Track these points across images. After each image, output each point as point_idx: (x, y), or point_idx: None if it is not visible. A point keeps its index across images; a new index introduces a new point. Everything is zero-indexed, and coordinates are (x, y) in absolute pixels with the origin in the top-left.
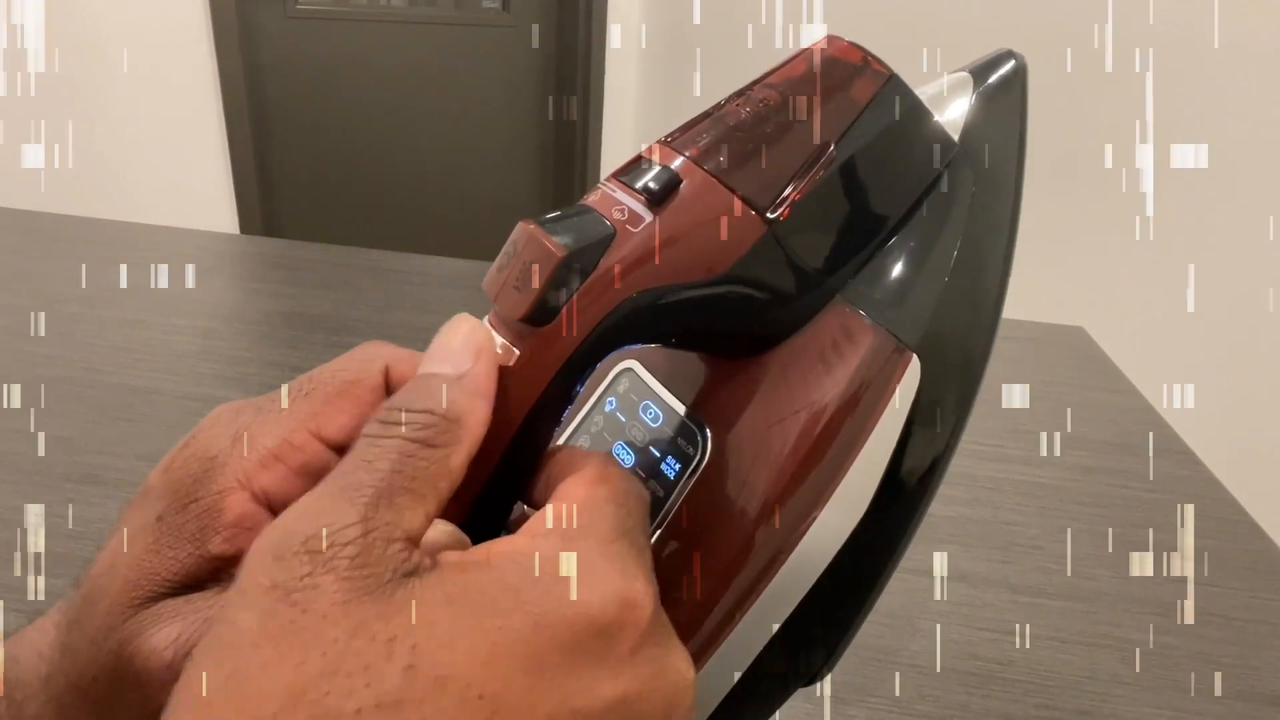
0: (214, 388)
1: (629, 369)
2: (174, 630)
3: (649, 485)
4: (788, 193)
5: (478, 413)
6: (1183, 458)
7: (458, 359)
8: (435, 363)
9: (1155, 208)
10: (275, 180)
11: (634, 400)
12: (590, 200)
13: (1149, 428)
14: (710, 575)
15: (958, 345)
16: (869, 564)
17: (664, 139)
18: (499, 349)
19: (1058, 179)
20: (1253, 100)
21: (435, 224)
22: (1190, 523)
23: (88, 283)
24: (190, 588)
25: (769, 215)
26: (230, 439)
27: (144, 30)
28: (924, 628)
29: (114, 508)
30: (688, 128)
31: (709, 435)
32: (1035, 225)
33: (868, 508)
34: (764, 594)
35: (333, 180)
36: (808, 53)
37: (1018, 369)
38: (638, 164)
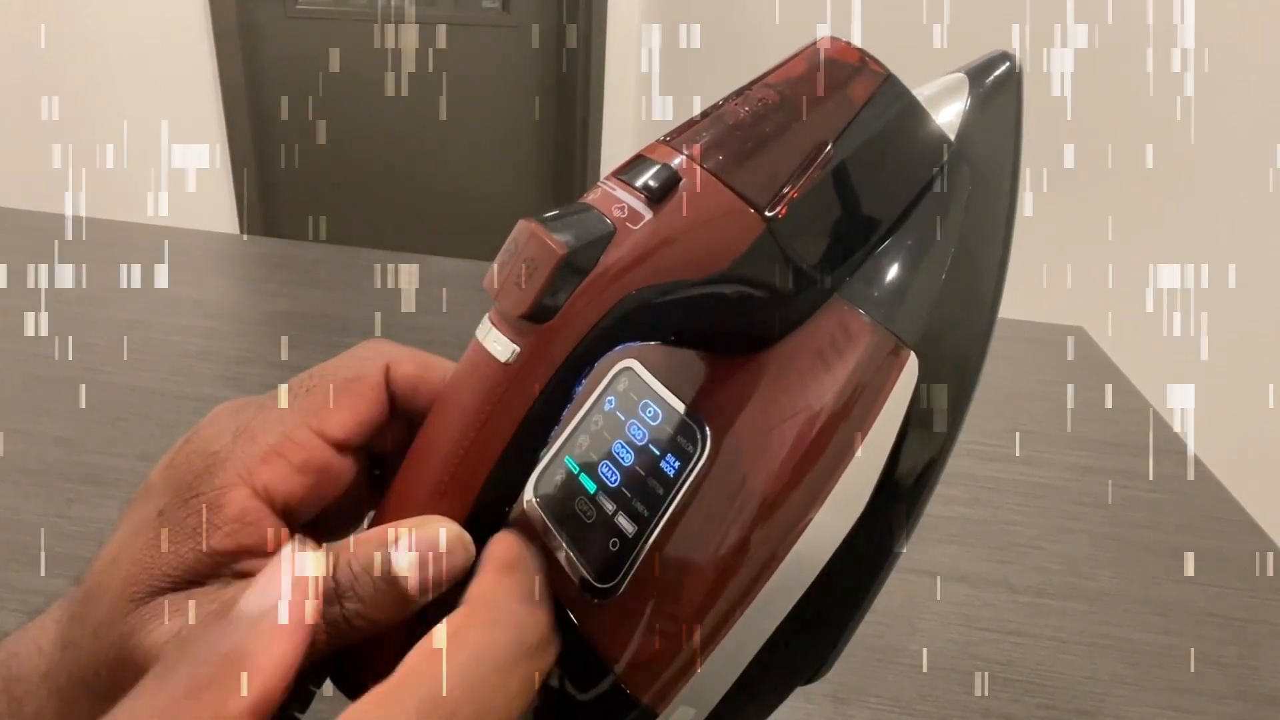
0: (214, 388)
1: (628, 368)
2: (175, 625)
3: (649, 484)
4: (786, 191)
5: (269, 652)
6: (1183, 458)
7: (265, 596)
8: (250, 598)
9: (1155, 208)
10: (275, 180)
11: (633, 399)
12: (590, 198)
13: (1149, 428)
14: (710, 573)
15: (955, 344)
16: (868, 562)
17: (664, 138)
18: (500, 350)
19: (1059, 179)
20: (1253, 100)
21: (435, 224)
22: (1190, 522)
23: (88, 283)
24: (192, 583)
25: (767, 213)
26: (232, 435)
27: (144, 30)
28: (924, 628)
29: (114, 508)
30: (687, 127)
31: (708, 433)
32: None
33: (866, 505)
34: (763, 592)
35: (333, 180)
36: (806, 53)
37: (1018, 369)
38: (637, 162)
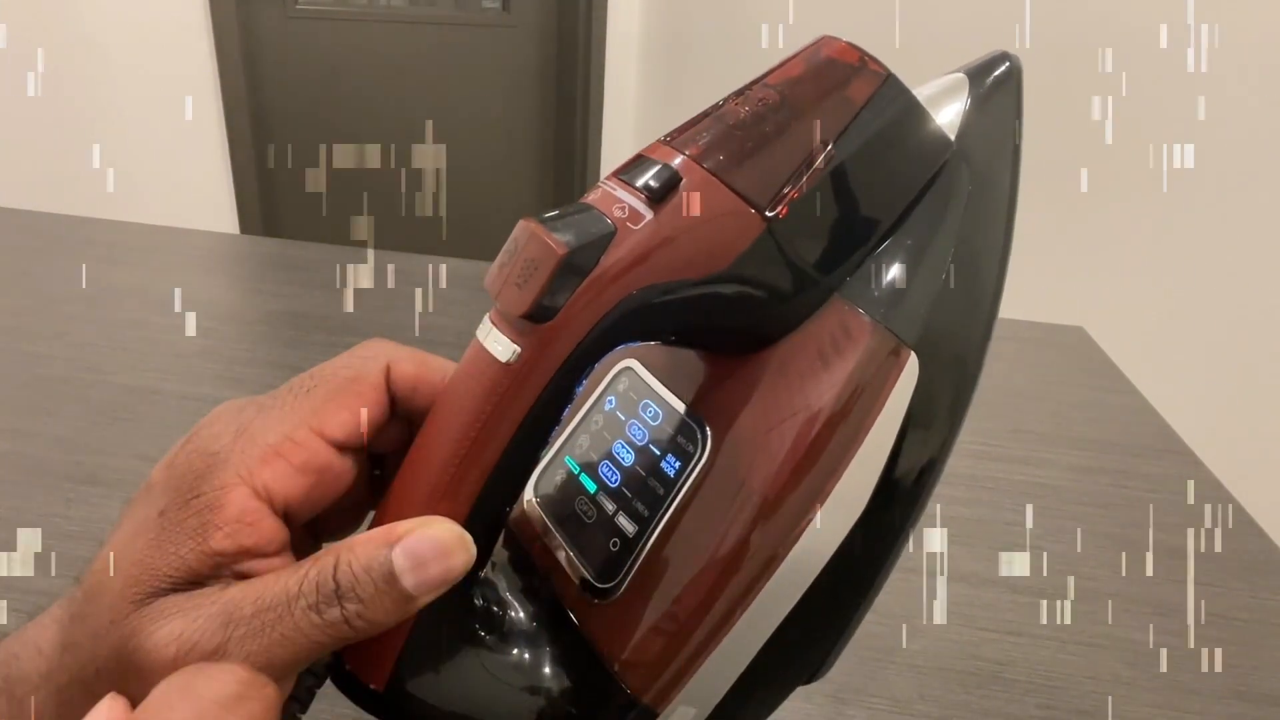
0: (214, 388)
1: (628, 368)
2: (176, 626)
3: (649, 484)
4: (786, 191)
5: None
6: (1183, 458)
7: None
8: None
9: (1155, 207)
10: (275, 180)
11: (634, 399)
12: (591, 198)
13: (1149, 428)
14: (710, 573)
15: (955, 344)
16: (868, 561)
17: (664, 138)
18: (500, 350)
19: (1059, 179)
20: (1253, 99)
21: (435, 224)
22: (1190, 522)
23: (88, 283)
24: (192, 583)
25: (768, 213)
26: (232, 435)
27: (144, 30)
28: (924, 628)
29: (114, 508)
30: (687, 127)
31: (709, 433)
32: (1035, 225)
33: (866, 505)
34: (763, 592)
35: (333, 180)
36: (806, 53)
37: (1018, 369)
38: (638, 162)
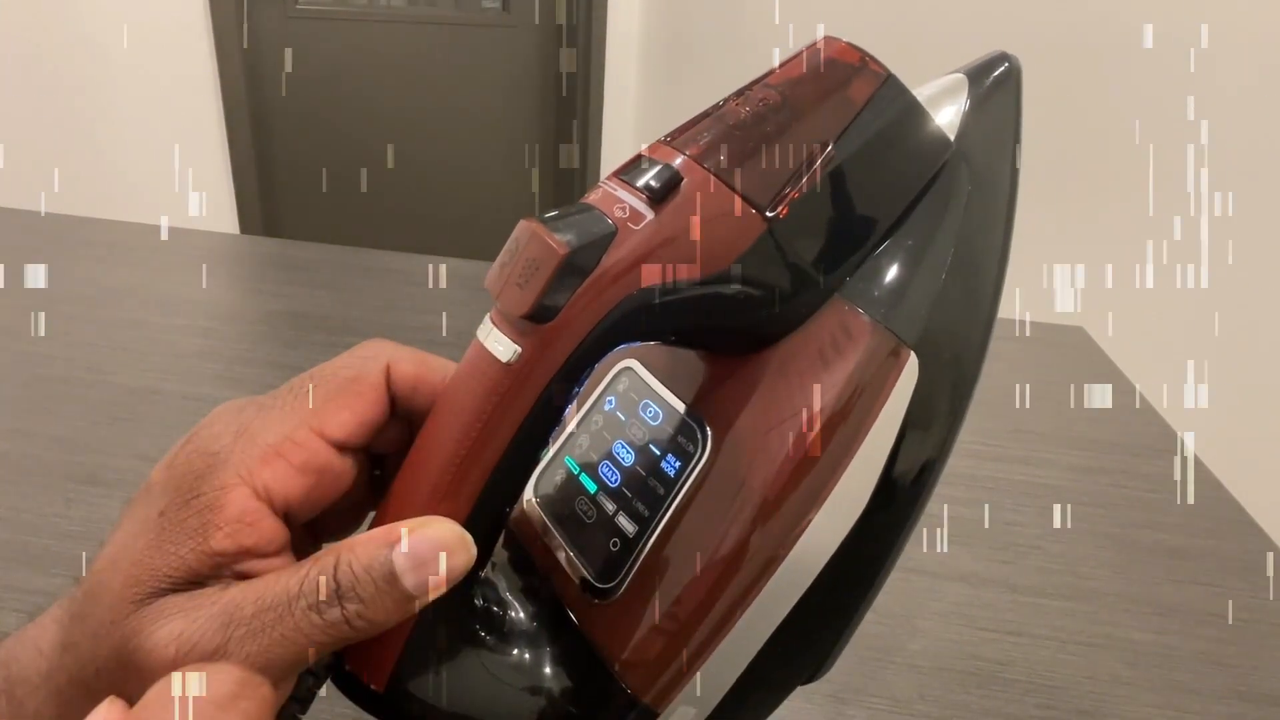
0: (214, 388)
1: (628, 368)
2: (177, 626)
3: (649, 484)
4: (787, 191)
5: None
6: (1183, 458)
7: None
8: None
9: (1155, 208)
10: (275, 180)
11: (634, 399)
12: (592, 198)
13: (1149, 428)
14: (710, 573)
15: (955, 344)
16: (868, 561)
17: (664, 138)
18: (501, 351)
19: (1059, 179)
20: (1252, 99)
21: (435, 224)
22: (1190, 523)
23: (88, 283)
24: (193, 584)
25: (768, 214)
26: (233, 435)
27: (144, 30)
28: (924, 628)
29: (114, 508)
30: (688, 127)
31: (709, 433)
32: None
33: (866, 504)
34: (763, 592)
35: (333, 180)
36: (806, 53)
37: (1018, 369)
38: (638, 162)
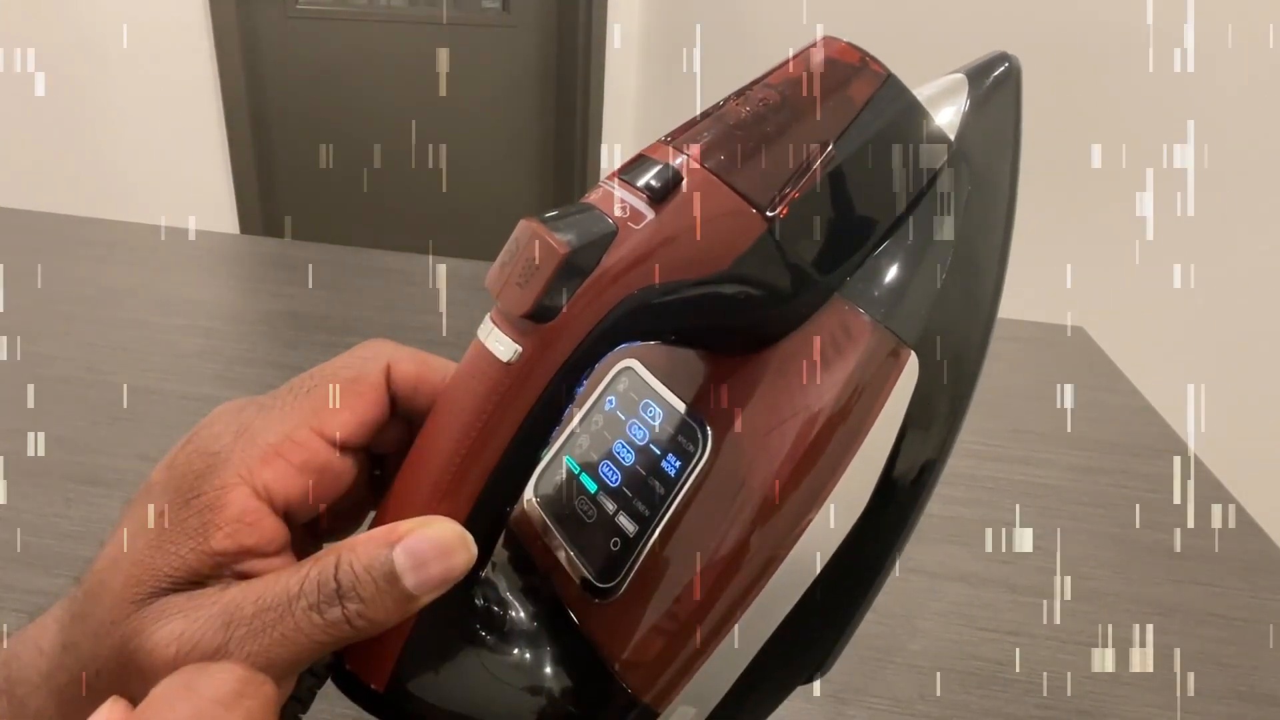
0: (214, 388)
1: (629, 368)
2: (177, 626)
3: (650, 483)
4: (787, 191)
5: None
6: (1183, 458)
7: None
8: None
9: (1155, 207)
10: (275, 180)
11: (634, 399)
12: (592, 198)
13: (1149, 428)
14: (710, 573)
15: (955, 344)
16: (868, 561)
17: (665, 137)
18: (502, 350)
19: (1058, 179)
20: (1252, 99)
21: (435, 224)
22: (1190, 523)
23: (88, 283)
24: (193, 583)
25: (769, 213)
26: (233, 435)
27: (144, 30)
28: (924, 628)
29: (114, 508)
30: (688, 127)
31: (709, 433)
32: (1035, 225)
33: (866, 504)
34: (764, 592)
35: (333, 180)
36: (806, 53)
37: (1018, 369)
38: (639, 162)
